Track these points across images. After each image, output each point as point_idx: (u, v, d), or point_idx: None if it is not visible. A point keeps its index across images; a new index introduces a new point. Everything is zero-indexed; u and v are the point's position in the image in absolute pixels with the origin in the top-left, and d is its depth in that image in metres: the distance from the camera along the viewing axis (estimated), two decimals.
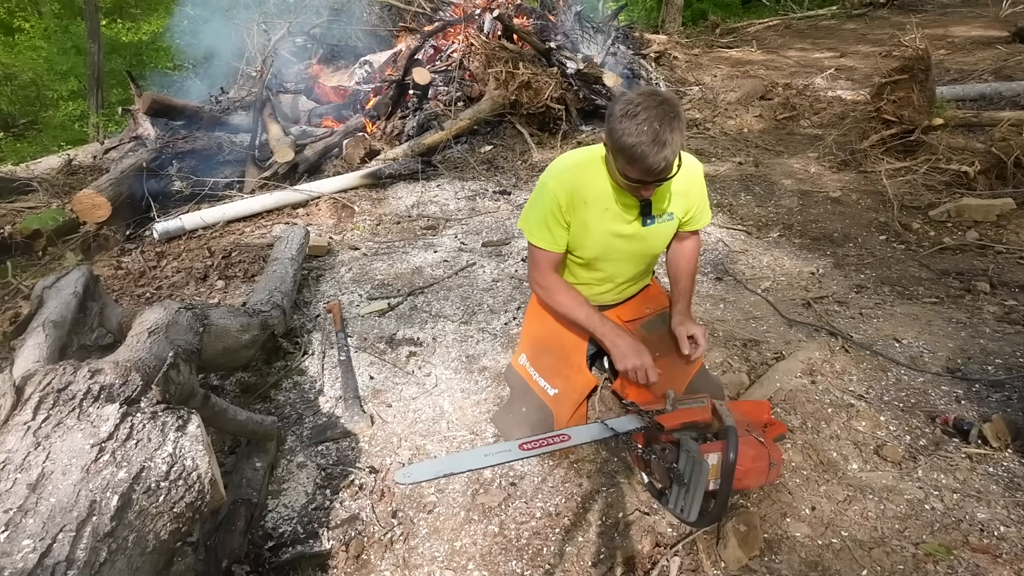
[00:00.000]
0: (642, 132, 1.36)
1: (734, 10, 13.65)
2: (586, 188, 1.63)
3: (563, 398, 1.79)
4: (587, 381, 1.84)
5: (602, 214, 1.65)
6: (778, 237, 3.35)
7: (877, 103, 4.27)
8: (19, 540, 0.94)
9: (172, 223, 3.56)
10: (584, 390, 1.83)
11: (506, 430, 1.86)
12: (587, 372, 1.85)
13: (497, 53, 5.16)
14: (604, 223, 1.66)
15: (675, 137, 1.37)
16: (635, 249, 1.75)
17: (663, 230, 1.72)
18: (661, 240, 1.76)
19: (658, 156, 1.38)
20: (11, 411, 1.17)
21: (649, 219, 1.66)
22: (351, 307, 2.74)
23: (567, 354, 1.85)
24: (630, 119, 1.37)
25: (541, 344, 1.90)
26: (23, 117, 10.58)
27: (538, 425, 1.76)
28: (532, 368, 1.86)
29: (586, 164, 1.64)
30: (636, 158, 1.39)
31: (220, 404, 1.62)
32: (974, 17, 9.37)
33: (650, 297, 2.00)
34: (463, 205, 3.99)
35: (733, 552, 1.44)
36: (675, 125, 1.37)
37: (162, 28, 11.77)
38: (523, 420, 1.81)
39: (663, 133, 1.36)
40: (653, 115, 1.36)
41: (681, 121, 1.39)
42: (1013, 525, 1.51)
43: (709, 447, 1.45)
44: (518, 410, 1.84)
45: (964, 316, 2.48)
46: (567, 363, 1.84)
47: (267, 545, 1.54)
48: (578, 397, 1.81)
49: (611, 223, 1.66)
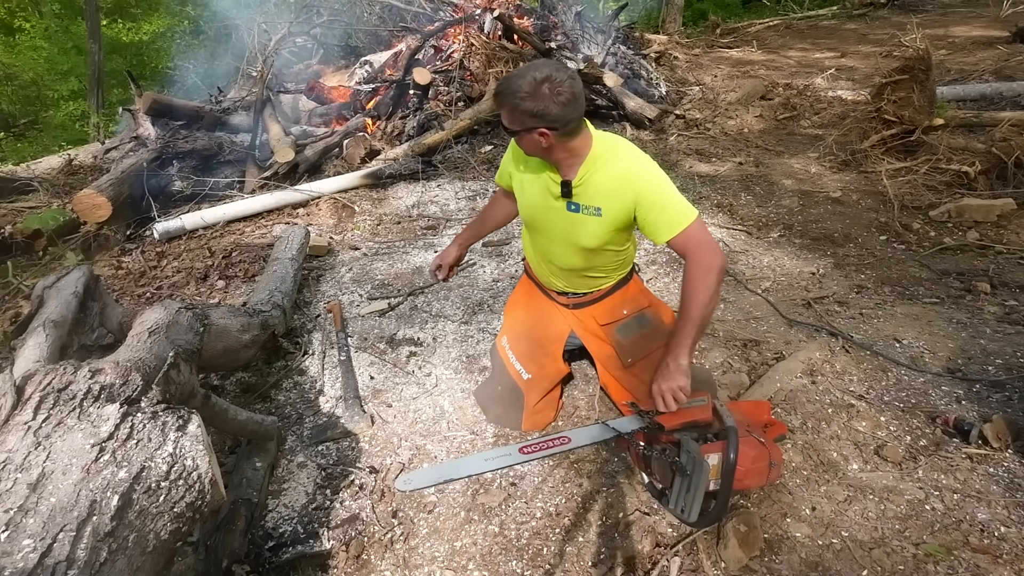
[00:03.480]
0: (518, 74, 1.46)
1: (734, 10, 13.63)
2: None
3: (535, 383, 1.91)
4: (559, 370, 1.95)
5: (535, 179, 1.70)
6: (778, 237, 3.35)
7: (878, 103, 4.27)
8: (20, 540, 0.94)
9: (172, 223, 3.57)
10: (555, 378, 1.95)
11: (484, 404, 2.05)
12: (560, 361, 1.94)
13: (497, 53, 5.17)
14: (536, 186, 1.71)
15: (526, 81, 1.42)
16: (562, 230, 1.71)
17: (588, 223, 1.66)
18: (587, 234, 1.68)
19: (502, 86, 1.47)
20: (12, 411, 1.17)
21: (572, 205, 1.64)
22: (351, 307, 2.74)
23: (545, 343, 1.94)
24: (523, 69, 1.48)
25: (521, 329, 1.98)
26: (24, 117, 10.57)
27: (511, 405, 1.93)
28: (510, 351, 1.97)
29: None
30: (495, 91, 1.52)
31: (220, 404, 1.62)
32: (975, 17, 9.36)
33: (628, 297, 1.90)
34: (463, 205, 3.99)
35: (733, 552, 1.44)
36: (530, 74, 1.43)
37: (163, 28, 11.77)
38: (498, 398, 1.98)
39: (523, 72, 1.44)
40: (530, 67, 1.46)
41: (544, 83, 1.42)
42: (1013, 525, 1.51)
43: (709, 447, 1.44)
44: (495, 388, 2.00)
45: (965, 316, 2.48)
46: (543, 351, 1.93)
47: (267, 545, 1.55)
48: (548, 384, 1.93)
49: (540, 191, 1.70)
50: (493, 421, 1.98)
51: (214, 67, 6.59)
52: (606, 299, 1.90)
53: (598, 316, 1.89)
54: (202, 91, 5.80)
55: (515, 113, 1.47)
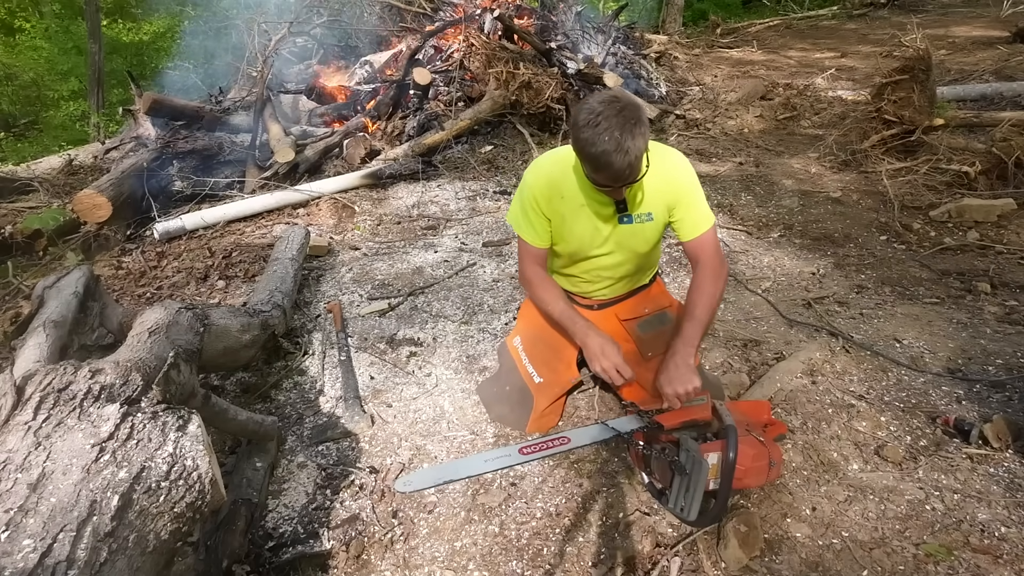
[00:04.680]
0: (604, 141, 1.39)
1: (735, 10, 13.64)
2: (563, 184, 1.68)
3: (546, 387, 1.88)
4: (572, 376, 1.92)
5: (578, 210, 1.69)
6: (779, 237, 3.35)
7: (878, 103, 4.27)
8: (20, 540, 0.94)
9: (173, 223, 3.56)
10: (567, 384, 1.92)
11: (488, 401, 2.01)
12: (574, 368, 1.92)
13: (497, 53, 5.16)
14: (580, 219, 1.70)
15: (637, 143, 1.40)
16: (615, 246, 1.76)
17: (643, 230, 1.72)
18: (642, 240, 1.76)
19: (622, 163, 1.41)
20: (12, 411, 1.17)
21: (625, 218, 1.68)
22: (351, 307, 2.74)
23: (560, 347, 1.91)
24: (592, 128, 1.40)
25: (537, 332, 1.96)
26: (24, 117, 10.57)
27: (518, 406, 1.89)
28: (524, 352, 1.95)
29: (563, 161, 1.69)
30: (601, 166, 1.44)
31: (220, 404, 1.62)
32: (975, 17, 9.37)
33: (650, 297, 2.00)
34: (463, 205, 3.99)
35: (733, 552, 1.43)
36: (636, 131, 1.40)
37: (163, 28, 11.77)
38: (505, 398, 1.94)
39: (624, 140, 1.39)
40: (614, 123, 1.39)
41: (643, 125, 1.41)
42: (1014, 526, 1.51)
43: (709, 446, 1.45)
44: (502, 387, 1.97)
45: (965, 316, 2.48)
46: (557, 356, 1.91)
47: (267, 545, 1.54)
48: (559, 390, 1.90)
49: (587, 220, 1.70)
50: (496, 419, 1.97)
51: (214, 67, 6.59)
52: (629, 298, 1.97)
53: (620, 312, 1.95)
54: (202, 91, 5.79)
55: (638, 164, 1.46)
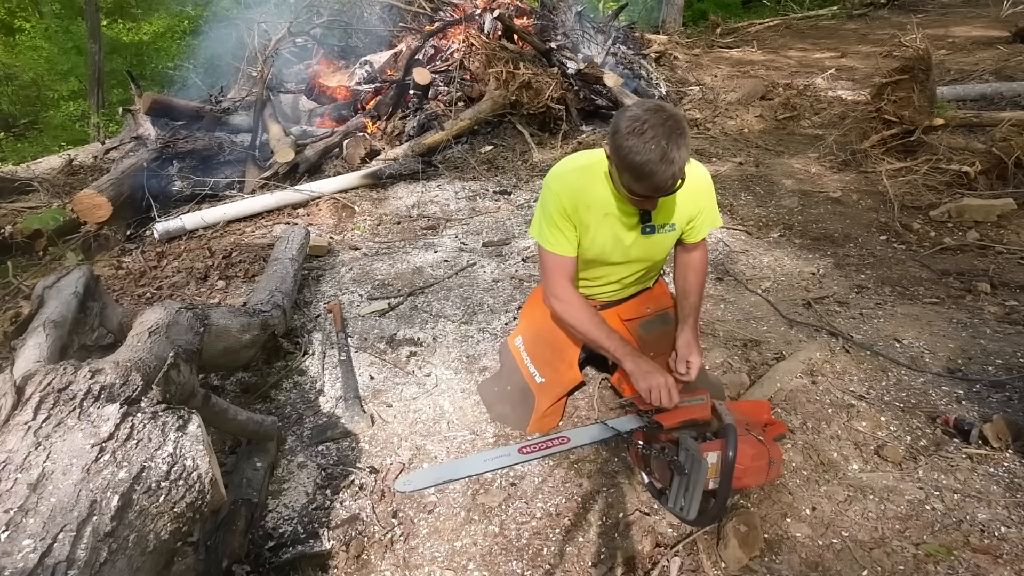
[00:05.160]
0: (650, 150, 1.36)
1: (734, 10, 13.63)
2: (588, 192, 1.65)
3: (548, 388, 1.88)
4: (574, 377, 1.92)
5: (603, 219, 1.68)
6: (779, 237, 3.35)
7: (878, 103, 4.27)
8: (20, 540, 0.94)
9: (173, 223, 3.56)
10: (569, 385, 1.92)
11: (489, 401, 2.01)
12: (576, 369, 1.92)
13: (497, 53, 5.16)
14: (604, 228, 1.69)
15: (682, 153, 1.39)
16: (634, 255, 1.77)
17: (664, 240, 1.74)
18: (661, 249, 1.80)
19: (666, 174, 1.39)
20: (12, 411, 1.17)
21: (649, 228, 1.68)
22: (351, 307, 2.74)
23: (562, 348, 1.91)
24: (637, 136, 1.37)
25: (539, 332, 1.96)
26: (24, 117, 10.57)
27: (519, 406, 1.90)
28: (526, 353, 1.94)
29: (587, 168, 1.66)
30: (644, 176, 1.41)
31: (220, 404, 1.62)
32: (975, 17, 9.37)
33: (652, 297, 2.01)
34: (463, 205, 3.99)
35: (733, 552, 1.44)
36: (681, 142, 1.38)
37: (163, 28, 11.76)
38: (506, 397, 1.94)
39: (671, 151, 1.37)
40: (660, 132, 1.36)
41: (686, 137, 1.40)
42: (1014, 526, 1.51)
43: (708, 446, 1.44)
44: (503, 386, 1.97)
45: (965, 316, 2.48)
46: (560, 357, 1.91)
47: (267, 545, 1.55)
48: (561, 391, 1.90)
49: (611, 229, 1.69)
50: (497, 419, 1.96)
51: (214, 67, 6.59)
52: (632, 299, 1.97)
53: (622, 312, 1.95)
54: (202, 91, 5.79)
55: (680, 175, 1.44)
